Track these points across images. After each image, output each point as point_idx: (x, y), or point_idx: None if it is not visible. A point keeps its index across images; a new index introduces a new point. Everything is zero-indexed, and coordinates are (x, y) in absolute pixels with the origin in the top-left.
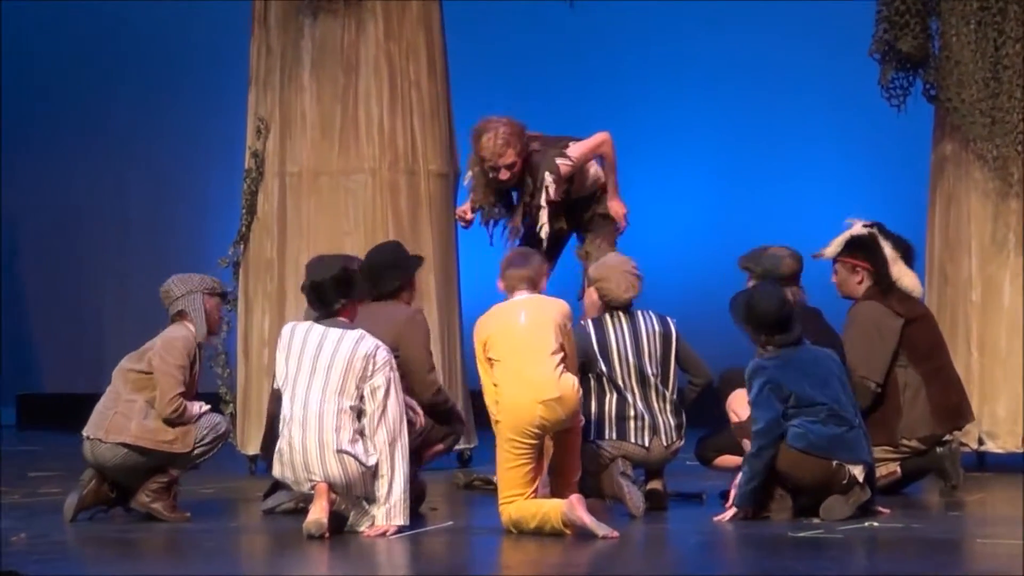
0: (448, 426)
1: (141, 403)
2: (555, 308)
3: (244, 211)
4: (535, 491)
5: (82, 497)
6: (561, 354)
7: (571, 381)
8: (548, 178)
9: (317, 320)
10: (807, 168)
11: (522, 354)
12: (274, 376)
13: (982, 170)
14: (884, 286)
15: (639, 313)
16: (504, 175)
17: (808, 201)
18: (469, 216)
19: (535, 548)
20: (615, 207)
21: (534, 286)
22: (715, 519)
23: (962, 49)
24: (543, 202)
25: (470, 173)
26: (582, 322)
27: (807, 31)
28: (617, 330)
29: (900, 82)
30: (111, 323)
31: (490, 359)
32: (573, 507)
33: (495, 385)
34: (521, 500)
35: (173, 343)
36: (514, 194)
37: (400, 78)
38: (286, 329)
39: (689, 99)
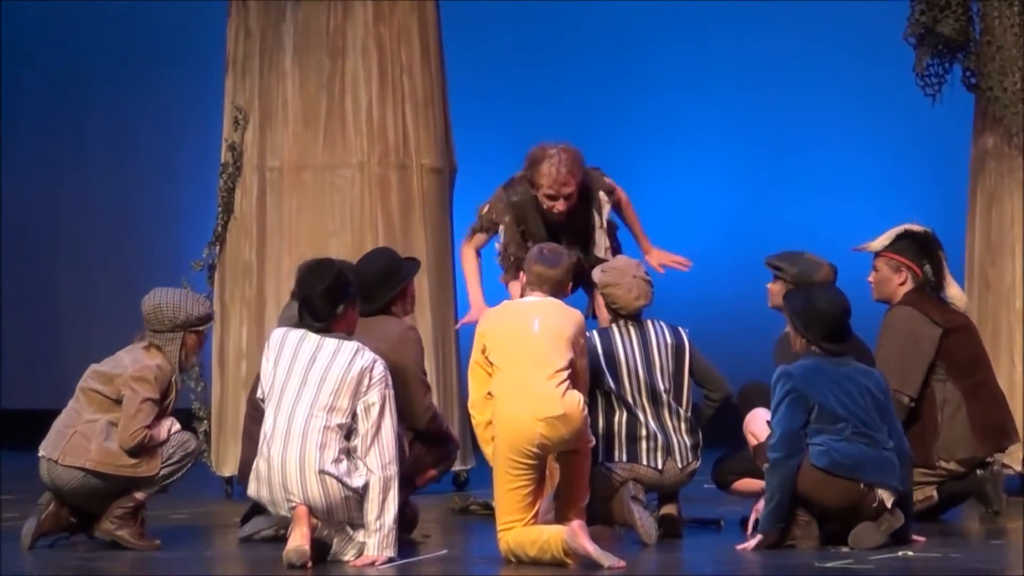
0: (442, 449)
1: (103, 423)
2: (571, 320)
3: (220, 209)
4: (535, 516)
5: (40, 522)
6: (569, 371)
7: (576, 398)
8: (603, 198)
9: (309, 328)
10: (832, 170)
11: (528, 366)
12: (254, 386)
13: None
14: (931, 289)
15: (649, 323)
16: (561, 206)
17: (834, 205)
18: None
19: None
20: (659, 256)
21: (557, 290)
22: (738, 548)
23: (1005, 33)
24: (599, 225)
25: (503, 225)
26: (587, 333)
27: (829, 25)
28: (625, 342)
29: (936, 69)
30: (72, 333)
31: (489, 361)
32: (575, 534)
33: (489, 395)
34: (520, 526)
35: (145, 373)
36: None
37: (391, 64)
38: (277, 333)
39: (706, 99)
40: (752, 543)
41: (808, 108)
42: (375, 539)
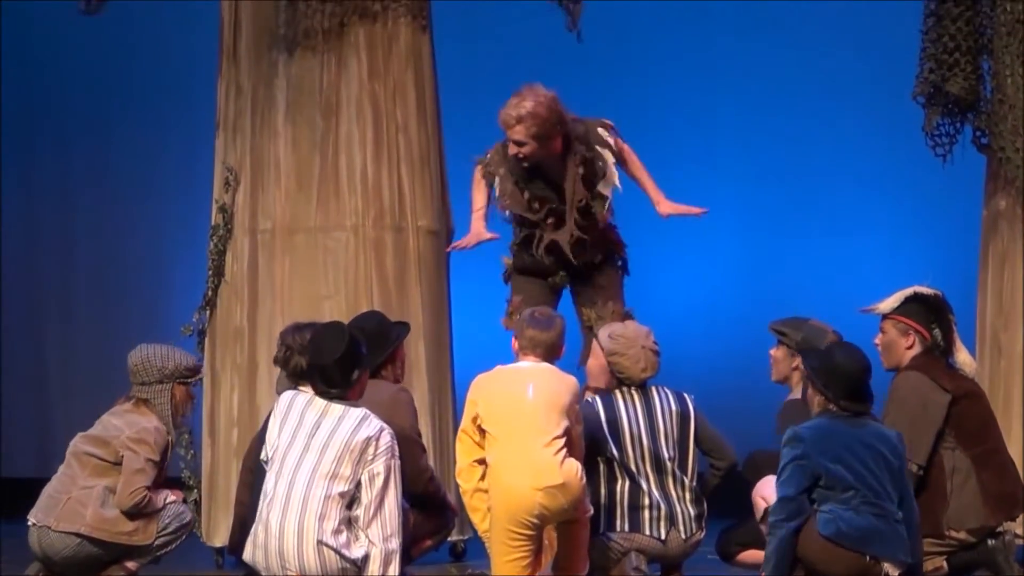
0: (438, 518)
1: (99, 489)
2: (567, 386)
3: (210, 273)
4: None
5: None
6: (565, 438)
7: (575, 467)
8: (603, 132)
9: (319, 394)
10: (842, 231)
11: (524, 434)
12: (248, 451)
13: None
14: (939, 354)
15: (653, 390)
16: (512, 149)
17: (844, 266)
18: (471, 245)
19: None
20: (675, 207)
21: (549, 355)
22: None
23: (1017, 92)
24: (610, 160)
25: (498, 177)
26: (588, 398)
27: (842, 83)
28: (630, 409)
29: (947, 128)
30: (56, 402)
31: (481, 429)
32: None
33: (476, 463)
34: None
35: (145, 436)
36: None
37: (386, 122)
38: (285, 397)
39: (717, 150)
40: None
41: (819, 169)
42: None
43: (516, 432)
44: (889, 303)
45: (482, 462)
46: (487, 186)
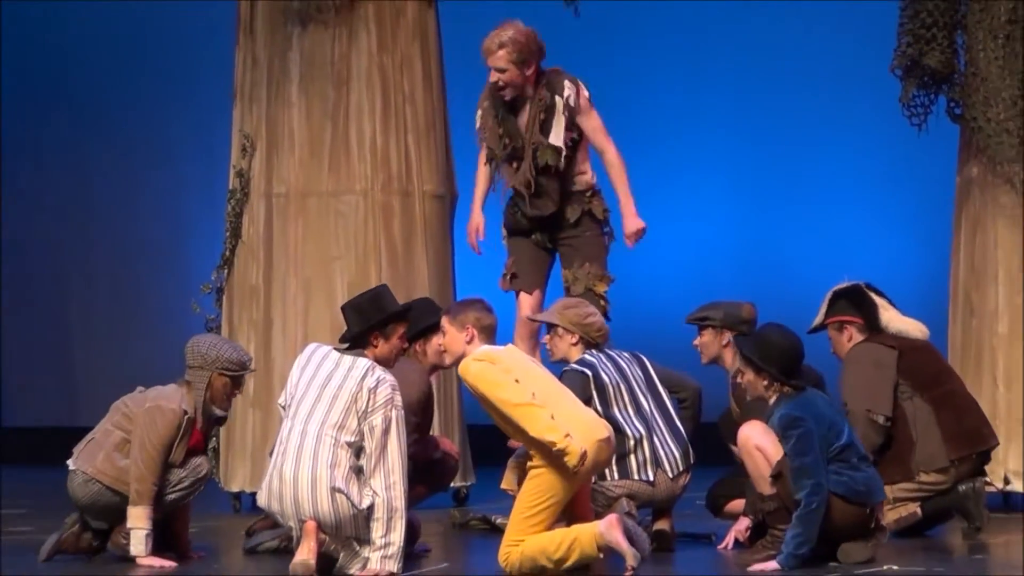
0: (430, 472)
1: (117, 437)
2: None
3: (228, 234)
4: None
5: (60, 540)
6: None
7: (607, 423)
8: (567, 84)
9: (337, 348)
10: (822, 200)
11: (563, 399)
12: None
13: (1010, 194)
14: (873, 330)
15: (612, 351)
16: (493, 76)
17: (825, 234)
18: (479, 236)
19: None
20: (633, 224)
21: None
22: (755, 568)
23: (989, 65)
24: (560, 108)
25: (479, 112)
26: (574, 365)
27: (820, 57)
28: (604, 366)
29: (922, 100)
30: (78, 355)
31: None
32: (612, 527)
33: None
34: (533, 537)
35: (156, 413)
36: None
37: (394, 92)
38: (309, 347)
39: (703, 142)
40: (770, 566)
41: (800, 140)
42: (380, 553)
43: (556, 397)
44: (820, 314)
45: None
46: (488, 171)
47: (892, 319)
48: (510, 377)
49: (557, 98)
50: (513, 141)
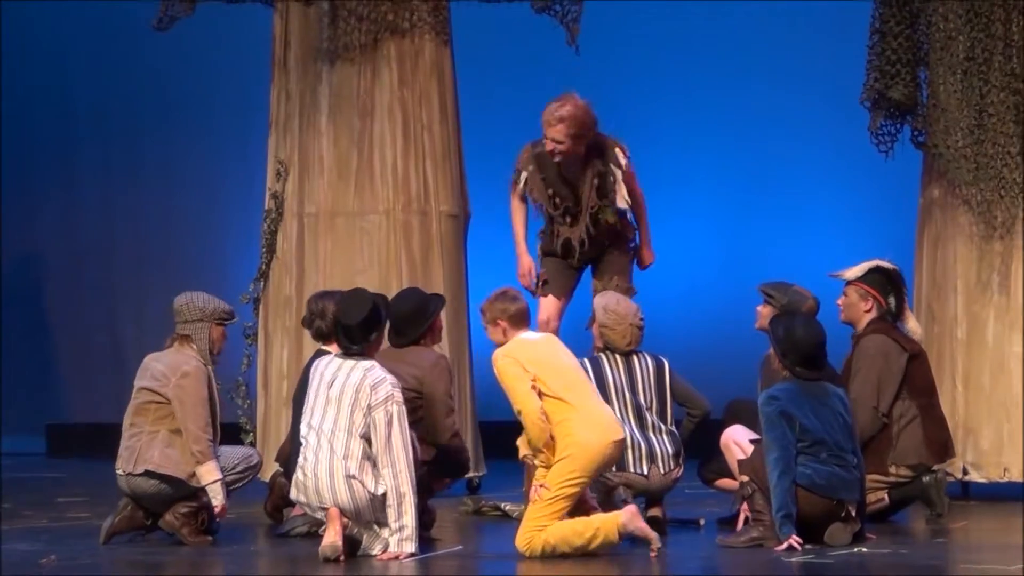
0: (455, 464)
1: (164, 433)
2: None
3: (264, 250)
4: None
5: (115, 523)
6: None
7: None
8: (619, 153)
9: (343, 350)
10: (805, 213)
11: (585, 393)
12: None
13: (967, 214)
14: (891, 319)
15: (634, 355)
16: (549, 146)
17: (806, 243)
18: (532, 277)
19: (541, 570)
20: (650, 257)
21: (527, 322)
22: (777, 549)
23: (949, 98)
24: (620, 177)
25: (524, 174)
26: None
27: (807, 83)
28: (613, 369)
29: (889, 129)
30: (131, 357)
31: (540, 392)
32: (634, 517)
33: (548, 416)
34: (555, 524)
35: (187, 370)
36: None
37: (413, 123)
38: (320, 363)
39: (693, 151)
40: (784, 545)
41: (785, 157)
42: (396, 537)
43: (581, 393)
44: (855, 271)
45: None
46: (523, 208)
47: (906, 315)
48: (528, 376)
49: (613, 167)
50: (565, 201)
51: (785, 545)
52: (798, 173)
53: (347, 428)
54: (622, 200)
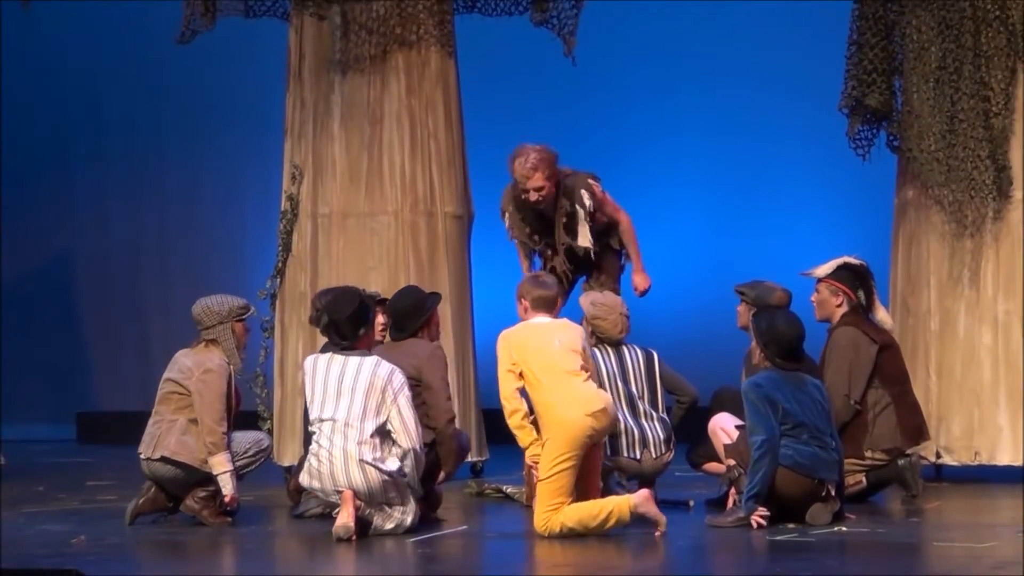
0: (452, 454)
1: (182, 421)
2: (578, 333)
3: (280, 248)
4: (572, 498)
5: (138, 504)
6: (588, 373)
7: (606, 394)
8: (584, 194)
9: (336, 351)
10: (786, 211)
11: (564, 375)
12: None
13: (940, 213)
14: (862, 312)
15: (624, 346)
16: (533, 196)
17: (788, 240)
18: None
19: (543, 549)
20: (643, 282)
21: (554, 308)
22: (755, 519)
23: (922, 105)
24: (583, 217)
25: (507, 213)
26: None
27: (789, 88)
28: (606, 360)
29: (866, 134)
30: (157, 349)
31: (520, 373)
32: (647, 500)
33: (521, 391)
34: (568, 506)
35: (211, 367)
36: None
37: (420, 129)
38: (308, 362)
39: (678, 155)
40: (756, 517)
41: (769, 158)
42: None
43: (557, 376)
44: (824, 269)
45: (522, 391)
46: (524, 250)
47: (876, 308)
48: (511, 359)
49: (578, 207)
50: (544, 238)
51: (753, 520)
52: (781, 174)
53: (361, 415)
54: (585, 239)
